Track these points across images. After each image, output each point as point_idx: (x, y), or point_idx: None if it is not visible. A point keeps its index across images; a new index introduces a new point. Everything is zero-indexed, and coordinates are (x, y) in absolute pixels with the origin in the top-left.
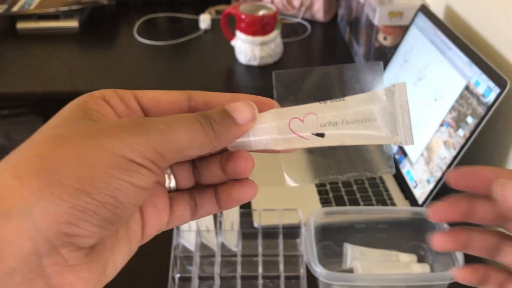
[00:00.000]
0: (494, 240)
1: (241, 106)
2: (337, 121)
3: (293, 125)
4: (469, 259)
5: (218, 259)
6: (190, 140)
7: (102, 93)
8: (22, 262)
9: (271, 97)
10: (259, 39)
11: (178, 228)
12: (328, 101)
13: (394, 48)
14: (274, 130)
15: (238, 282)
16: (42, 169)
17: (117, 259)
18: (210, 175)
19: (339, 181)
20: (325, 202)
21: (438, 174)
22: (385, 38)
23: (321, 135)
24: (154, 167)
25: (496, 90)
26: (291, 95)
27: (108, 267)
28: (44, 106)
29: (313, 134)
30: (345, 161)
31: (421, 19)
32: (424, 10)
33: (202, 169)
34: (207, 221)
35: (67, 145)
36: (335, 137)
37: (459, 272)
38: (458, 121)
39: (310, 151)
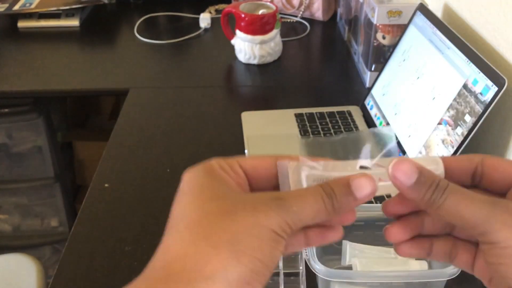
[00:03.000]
0: (451, 244)
1: (364, 183)
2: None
3: None
4: None
5: None
6: (314, 218)
7: (220, 164)
8: None
9: (270, 96)
10: (258, 38)
11: None
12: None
13: (392, 47)
14: None
15: None
16: (230, 242)
17: None
18: None
19: None
20: None
21: None
22: (383, 37)
23: None
24: (286, 236)
25: (494, 88)
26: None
27: None
28: (45, 105)
29: None
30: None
31: (420, 18)
32: (423, 9)
33: None
34: None
35: (239, 221)
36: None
37: (401, 248)
38: (456, 120)
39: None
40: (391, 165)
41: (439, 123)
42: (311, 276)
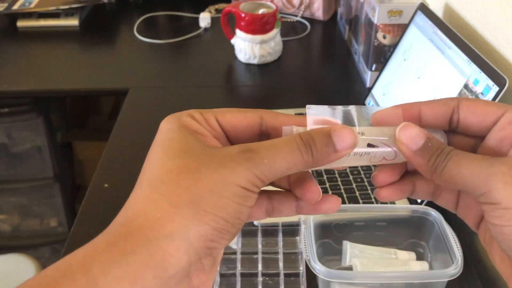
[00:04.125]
0: (434, 184)
1: (344, 133)
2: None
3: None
4: (467, 256)
5: None
6: (288, 168)
7: (192, 115)
8: (180, 270)
9: (270, 96)
10: (258, 37)
11: None
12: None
13: (393, 47)
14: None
15: (238, 279)
16: (191, 201)
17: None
18: (283, 185)
19: (338, 180)
20: None
21: None
22: (384, 37)
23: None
24: (257, 190)
25: (495, 88)
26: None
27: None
28: (45, 104)
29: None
30: None
31: (420, 18)
32: (423, 8)
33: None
34: None
35: (202, 180)
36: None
37: (381, 193)
38: None
39: None
40: (398, 129)
41: None
42: (311, 277)
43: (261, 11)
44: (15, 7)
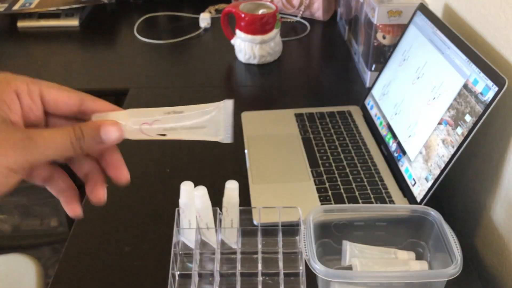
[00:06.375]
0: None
1: (111, 128)
2: (177, 128)
3: (144, 127)
4: (466, 256)
5: (218, 256)
6: (59, 155)
7: (17, 85)
8: None
9: (270, 96)
10: (258, 37)
11: (178, 225)
12: (172, 113)
13: (393, 47)
14: (130, 130)
15: (238, 279)
16: None
17: None
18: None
19: (338, 180)
20: (324, 200)
21: (437, 172)
22: (384, 37)
23: (163, 135)
24: (23, 172)
25: (495, 88)
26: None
27: None
28: None
29: (157, 134)
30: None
31: (420, 18)
32: (423, 9)
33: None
34: (207, 218)
35: None
36: (175, 136)
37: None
38: (456, 120)
39: None
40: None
41: (439, 123)
42: (311, 276)
43: (261, 11)
44: (16, 7)
